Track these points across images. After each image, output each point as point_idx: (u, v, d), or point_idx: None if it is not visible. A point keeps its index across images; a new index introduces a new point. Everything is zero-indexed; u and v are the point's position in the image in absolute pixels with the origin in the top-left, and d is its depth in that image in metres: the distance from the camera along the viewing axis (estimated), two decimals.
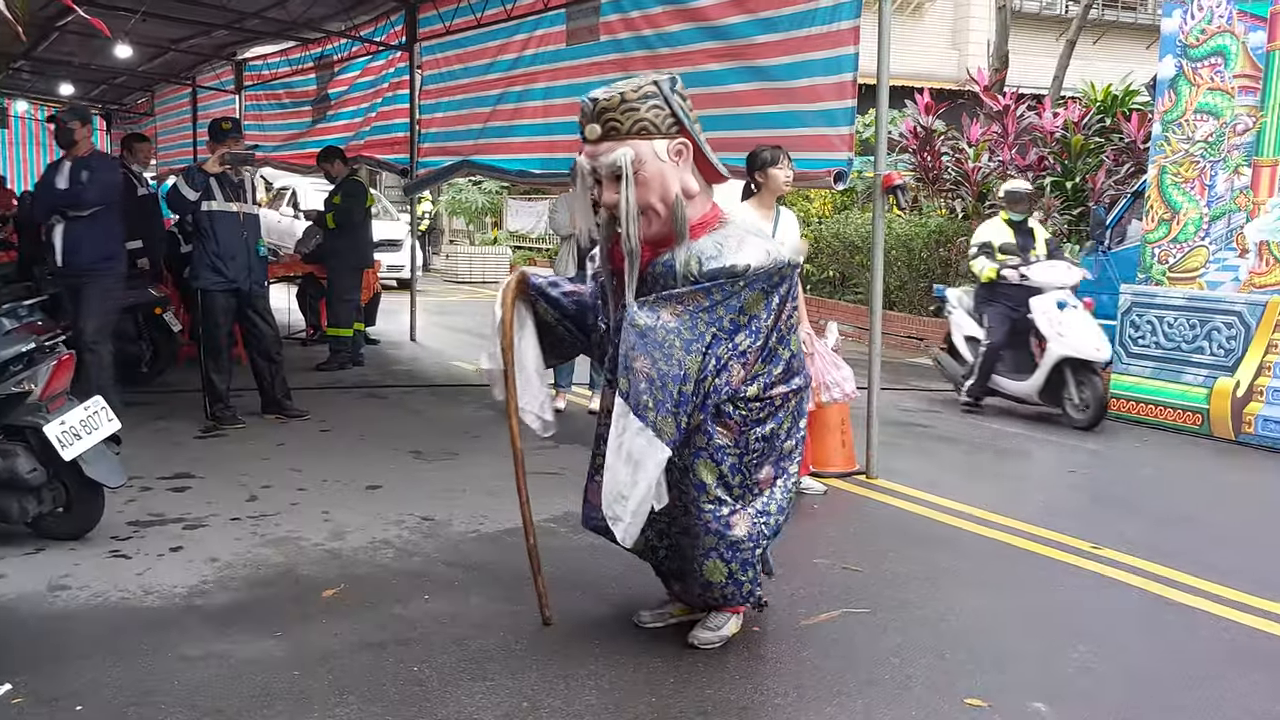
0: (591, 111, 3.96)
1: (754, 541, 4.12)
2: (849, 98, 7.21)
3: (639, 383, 3.84)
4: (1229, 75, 8.77)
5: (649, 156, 3.93)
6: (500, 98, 11.12)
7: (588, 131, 3.98)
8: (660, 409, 3.82)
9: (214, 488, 6.51)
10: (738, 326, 3.98)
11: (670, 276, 4.00)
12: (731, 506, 4.08)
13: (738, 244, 3.99)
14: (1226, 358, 8.68)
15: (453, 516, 6.03)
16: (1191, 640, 4.59)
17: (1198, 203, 9.00)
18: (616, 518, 3.91)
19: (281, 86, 16.01)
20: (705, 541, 4.08)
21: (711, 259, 3.95)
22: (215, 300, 8.17)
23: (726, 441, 4.02)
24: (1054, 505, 6.66)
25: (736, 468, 4.06)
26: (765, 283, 3.98)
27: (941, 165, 15.09)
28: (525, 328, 4.43)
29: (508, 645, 4.29)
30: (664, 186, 3.96)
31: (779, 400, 4.08)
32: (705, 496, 4.05)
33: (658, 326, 3.89)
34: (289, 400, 8.65)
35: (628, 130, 3.91)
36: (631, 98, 3.91)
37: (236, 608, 4.66)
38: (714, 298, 3.94)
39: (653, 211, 3.98)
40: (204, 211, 8.07)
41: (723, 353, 3.95)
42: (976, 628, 4.63)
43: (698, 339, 3.91)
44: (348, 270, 11.30)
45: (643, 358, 3.85)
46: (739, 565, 4.12)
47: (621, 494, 3.88)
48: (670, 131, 3.97)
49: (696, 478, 4.04)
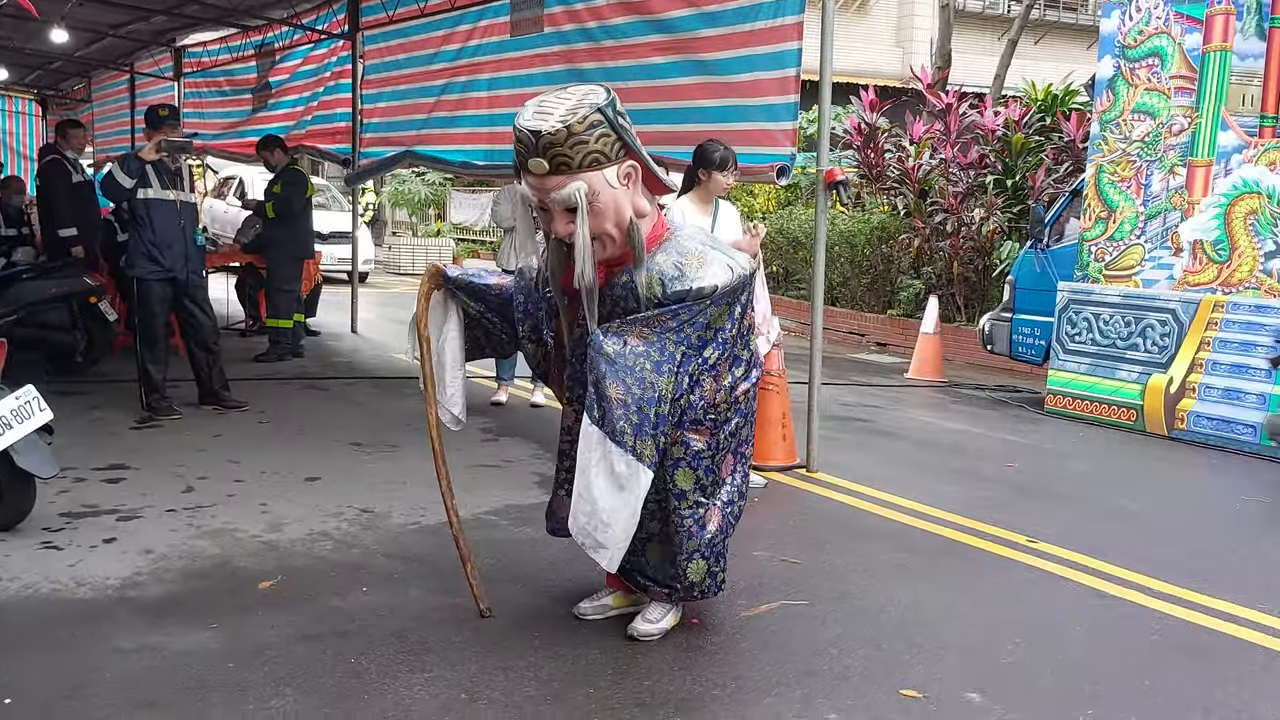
0: (535, 145, 3.77)
1: (724, 533, 4.21)
2: (792, 93, 7.24)
3: (614, 409, 3.83)
4: (1166, 76, 8.90)
5: (601, 186, 3.85)
6: (444, 88, 11.07)
7: (532, 165, 3.82)
8: (639, 434, 3.84)
9: (149, 479, 6.44)
10: (705, 342, 4.00)
11: (631, 298, 3.98)
12: (706, 505, 4.13)
13: (699, 263, 3.98)
14: (1160, 354, 8.81)
15: (392, 509, 6.00)
16: (1125, 632, 4.66)
17: (1134, 202, 9.13)
18: (600, 545, 3.91)
19: (222, 74, 15.85)
20: (688, 546, 4.12)
21: (674, 280, 3.94)
22: (151, 289, 8.07)
23: (703, 446, 4.06)
24: (992, 499, 6.73)
25: (710, 468, 4.11)
26: (729, 297, 4.01)
27: (884, 162, 15.19)
28: (450, 321, 4.43)
29: (446, 637, 4.27)
30: (618, 213, 3.91)
31: (741, 397, 4.14)
32: (685, 504, 4.08)
33: (626, 352, 3.89)
34: (227, 391, 8.57)
35: (579, 164, 3.79)
36: (578, 130, 3.74)
37: (171, 600, 4.60)
38: (680, 318, 3.94)
39: (607, 237, 3.94)
40: (140, 199, 7.96)
41: (693, 369, 3.98)
42: (914, 620, 4.67)
43: (668, 359, 3.92)
44: (288, 260, 11.20)
45: (615, 385, 3.85)
46: (714, 559, 4.19)
47: (604, 521, 3.88)
48: (618, 156, 3.88)
49: (676, 487, 4.07)
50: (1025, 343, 10.67)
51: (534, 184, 3.89)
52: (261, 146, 11.54)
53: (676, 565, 4.16)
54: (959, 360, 12.90)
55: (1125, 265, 9.21)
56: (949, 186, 13.67)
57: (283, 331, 11.09)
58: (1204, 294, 8.60)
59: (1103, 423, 9.17)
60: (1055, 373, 9.69)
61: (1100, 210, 9.39)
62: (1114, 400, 9.14)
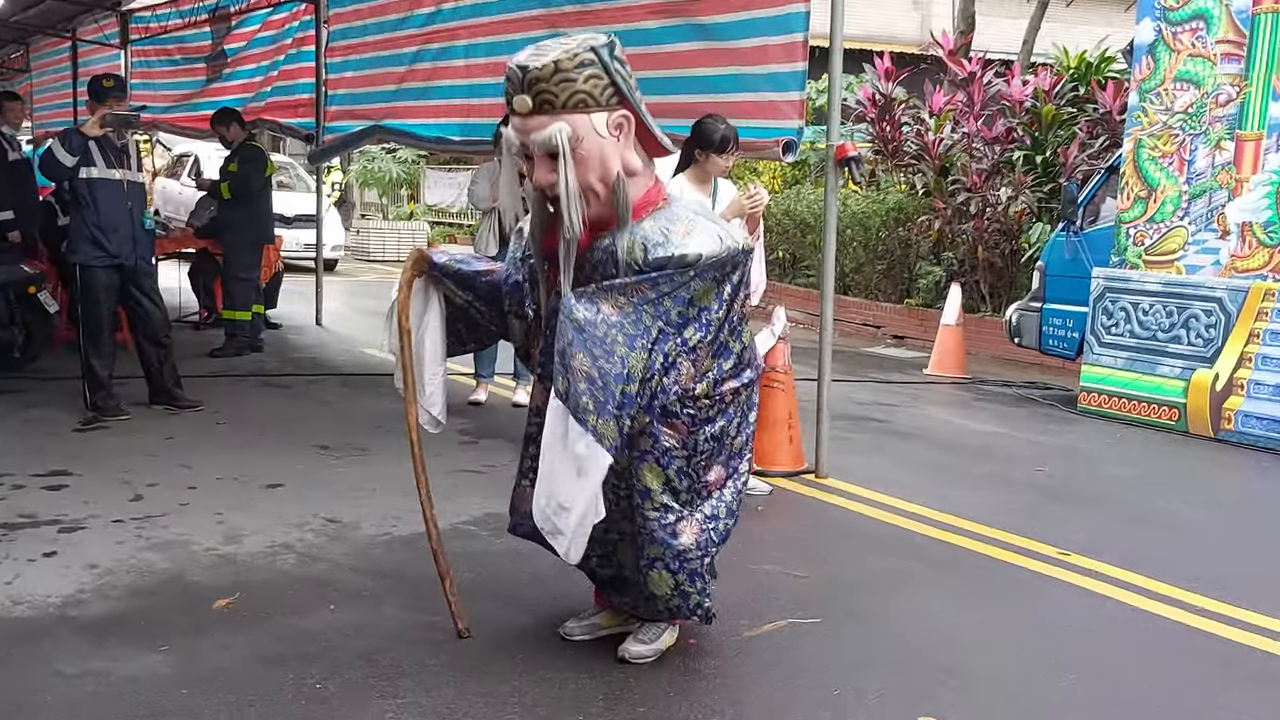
0: (520, 81, 3.81)
1: (702, 550, 4.12)
2: (799, 60, 7.23)
3: (578, 383, 3.79)
4: (1211, 41, 8.91)
5: (587, 132, 3.84)
6: (416, 56, 11.03)
7: (516, 103, 3.85)
8: (602, 412, 3.79)
9: (94, 486, 6.43)
10: (686, 320, 3.95)
11: (611, 264, 3.95)
12: (678, 513, 4.07)
13: (686, 230, 3.95)
14: (1205, 348, 8.83)
15: (361, 518, 6.00)
16: (1168, 654, 4.67)
17: (1176, 179, 9.14)
18: (558, 531, 3.88)
19: (172, 41, 15.79)
20: (650, 551, 4.08)
21: (658, 246, 3.90)
22: (96, 277, 8.05)
23: (674, 443, 4.01)
24: (1020, 507, 6.75)
25: (684, 471, 4.06)
26: (717, 272, 3.95)
27: (901, 136, 15.20)
28: (430, 312, 4.40)
29: (421, 660, 4.27)
30: (604, 165, 3.90)
31: (729, 396, 4.07)
32: (650, 503, 4.04)
33: (598, 321, 3.84)
34: (179, 389, 8.56)
35: (563, 104, 3.80)
36: (567, 67, 3.78)
37: (118, 619, 4.59)
38: (660, 289, 3.90)
39: (591, 192, 3.92)
40: (83, 179, 7.95)
41: (670, 349, 3.93)
42: (934, 640, 4.67)
43: (642, 334, 3.88)
44: (245, 246, 11.19)
45: (581, 355, 3.80)
46: (686, 576, 4.11)
47: (563, 505, 3.85)
48: (610, 103, 3.88)
49: (641, 483, 4.03)
50: (1056, 335, 10.68)
51: (517, 126, 3.91)
52: (216, 121, 11.51)
53: (639, 572, 4.15)
54: (983, 354, 12.92)
55: (1167, 250, 9.23)
56: (972, 163, 13.70)
57: (240, 324, 11.07)
58: (1253, 281, 8.62)
59: (1142, 423, 9.19)
60: (1089, 368, 9.70)
61: (1139, 189, 9.40)
62: (1154, 398, 9.16)
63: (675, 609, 4.19)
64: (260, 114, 13.65)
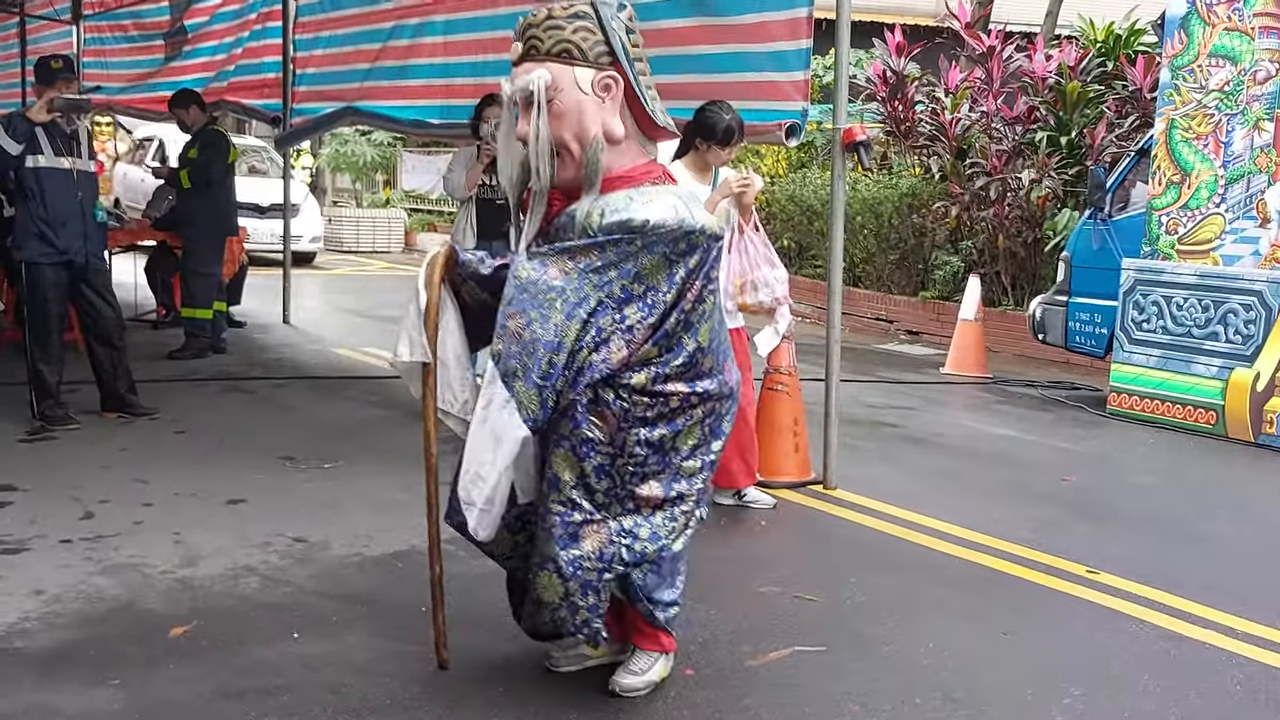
0: (519, 29, 4.03)
1: (604, 563, 4.01)
2: (804, 37, 7.20)
3: (510, 345, 3.84)
4: (1248, 14, 8.89)
5: (567, 84, 3.95)
6: (392, 33, 11.02)
7: (510, 50, 4.06)
8: (526, 378, 3.82)
9: (40, 503, 6.39)
10: (630, 296, 3.92)
11: (569, 228, 4.02)
12: (587, 514, 3.99)
13: (648, 199, 3.97)
14: (1244, 345, 8.81)
15: (330, 537, 5.97)
16: (1202, 680, 4.64)
17: (1212, 163, 9.12)
18: (470, 502, 3.93)
19: (128, 16, 15.75)
20: (546, 549, 4.01)
21: (615, 212, 3.94)
22: (43, 275, 8.01)
23: (598, 435, 3.95)
24: (1044, 520, 6.73)
25: (604, 470, 3.99)
26: (669, 248, 3.92)
27: (915, 116, 15.18)
28: (447, 313, 4.29)
29: (393, 693, 4.24)
30: (580, 123, 3.96)
31: (676, 402, 4.00)
32: (557, 494, 3.99)
33: (540, 281, 3.88)
34: (134, 395, 8.53)
35: (547, 50, 3.96)
36: (559, 15, 3.96)
37: (65, 650, 4.56)
38: (607, 256, 3.91)
39: (566, 150, 4.00)
40: (29, 169, 7.90)
41: (606, 324, 3.90)
42: (950, 667, 4.65)
43: (581, 303, 3.88)
44: (207, 239, 11.16)
45: (518, 316, 3.85)
46: (578, 586, 4.00)
47: (480, 475, 3.90)
48: (599, 61, 3.98)
49: (552, 470, 3.99)
50: (1083, 331, 10.67)
51: (513, 74, 4.06)
52: (175, 103, 11.49)
53: (531, 568, 4.11)
54: (1005, 352, 12.91)
55: (1202, 239, 9.21)
56: (992, 145, 13.69)
57: (201, 323, 11.04)
58: None
59: (1176, 426, 9.17)
60: (1120, 367, 9.68)
61: (1172, 173, 9.39)
62: (1189, 399, 9.14)
63: (560, 621, 4.08)
64: (223, 95, 13.61)
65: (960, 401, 10.45)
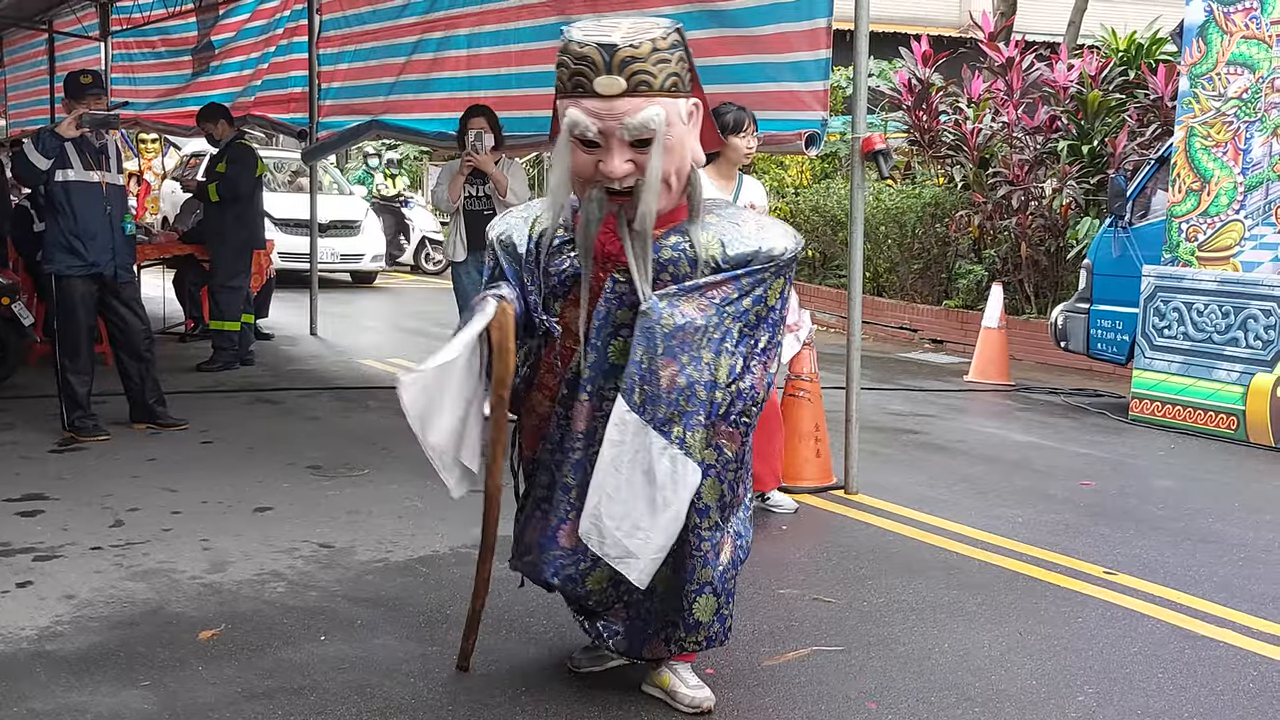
0: (608, 61, 3.69)
1: (735, 568, 4.12)
2: (823, 47, 7.27)
3: (663, 393, 3.78)
4: (1266, 21, 8.90)
5: (676, 119, 3.82)
6: (416, 46, 11.11)
7: (603, 85, 3.71)
8: (688, 422, 3.79)
9: (71, 511, 6.48)
10: (760, 320, 3.98)
11: (685, 262, 3.93)
12: (722, 530, 4.06)
13: (757, 225, 4.02)
14: (1265, 350, 8.82)
15: (355, 543, 6.04)
16: (1218, 679, 4.68)
17: (1231, 170, 9.14)
18: (629, 554, 3.80)
19: (156, 32, 15.91)
20: (700, 575, 4.01)
21: (737, 241, 3.92)
22: (73, 288, 8.09)
23: (729, 454, 4.01)
24: (1064, 524, 6.76)
25: (733, 484, 4.06)
26: (788, 270, 4.02)
27: (939, 125, 15.19)
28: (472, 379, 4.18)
29: (418, 693, 4.31)
30: (683, 155, 3.89)
31: (765, 402, 4.12)
32: (707, 522, 4.00)
33: (685, 324, 3.83)
34: (163, 407, 8.60)
35: (660, 86, 3.75)
36: (662, 46, 3.73)
37: (96, 653, 4.64)
38: (742, 287, 3.91)
39: (665, 184, 3.88)
40: (58, 183, 7.98)
41: (746, 351, 3.96)
42: (967, 667, 4.69)
43: (725, 337, 3.89)
44: (234, 252, 11.22)
45: (670, 364, 3.79)
46: (725, 597, 4.09)
47: (638, 526, 3.79)
48: (688, 89, 3.89)
49: (701, 500, 3.96)
50: (1105, 338, 10.68)
51: (598, 109, 3.75)
52: (203, 117, 11.58)
53: (683, 598, 4.03)
54: (1028, 360, 12.92)
55: (1222, 245, 9.22)
56: (1014, 154, 13.69)
57: (228, 335, 11.12)
58: None
59: (1198, 431, 9.18)
60: (1141, 373, 9.70)
61: (1192, 180, 9.40)
62: (1211, 405, 9.15)
63: (714, 635, 4.12)
64: (250, 109, 13.72)
65: (983, 408, 10.47)
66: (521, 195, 8.63)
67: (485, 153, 8.61)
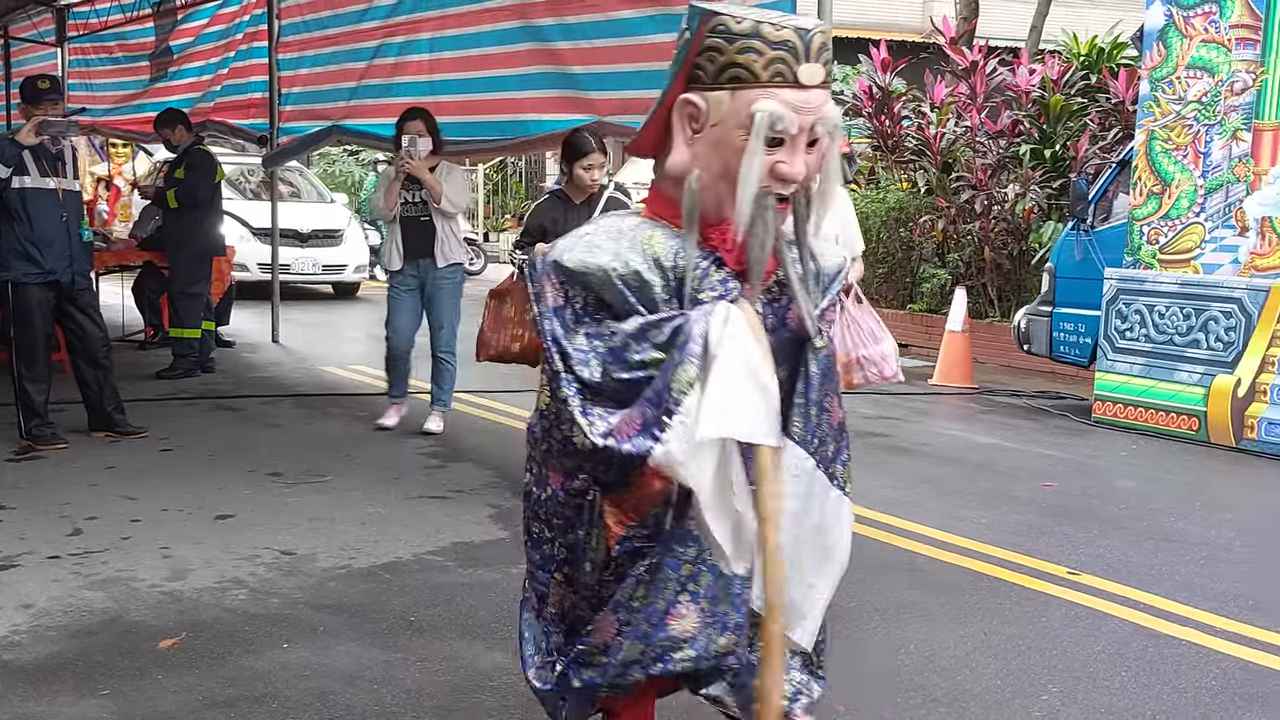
0: (806, 48, 3.04)
1: None
2: None
3: (830, 433, 3.32)
4: (1225, 25, 8.98)
5: None
6: (377, 51, 11.07)
7: (807, 74, 3.05)
8: (842, 458, 3.37)
9: (28, 520, 6.43)
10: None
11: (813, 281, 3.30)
12: None
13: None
14: (1225, 352, 8.89)
15: (318, 550, 6.02)
16: (1179, 677, 4.71)
17: (1191, 173, 9.21)
18: (803, 616, 3.26)
19: (113, 38, 15.81)
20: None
21: (824, 257, 3.37)
22: (29, 295, 8.04)
23: None
24: (1027, 524, 6.80)
25: None
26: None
27: (901, 131, 15.26)
28: None
29: (380, 700, 4.29)
30: None
31: None
32: None
33: (835, 353, 3.41)
34: (121, 414, 8.55)
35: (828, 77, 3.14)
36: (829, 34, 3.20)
37: (54, 662, 4.61)
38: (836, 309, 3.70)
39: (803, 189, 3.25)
40: (14, 189, 7.91)
41: None
42: (932, 667, 4.72)
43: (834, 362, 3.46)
44: (193, 258, 11.17)
45: (835, 399, 3.35)
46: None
47: (811, 582, 3.26)
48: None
49: None
50: (1068, 341, 10.75)
51: (798, 102, 3.06)
52: (160, 123, 11.51)
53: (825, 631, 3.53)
54: (992, 363, 12.98)
55: (1182, 248, 9.29)
56: (977, 158, 13.76)
57: (188, 343, 11.06)
58: (1274, 280, 8.68)
59: (1159, 433, 9.25)
60: (1103, 375, 9.76)
61: (1153, 184, 9.47)
62: (1172, 406, 9.22)
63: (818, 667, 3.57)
64: (209, 115, 13.65)
65: (947, 411, 10.52)
66: (458, 203, 8.47)
67: (420, 158, 8.36)
